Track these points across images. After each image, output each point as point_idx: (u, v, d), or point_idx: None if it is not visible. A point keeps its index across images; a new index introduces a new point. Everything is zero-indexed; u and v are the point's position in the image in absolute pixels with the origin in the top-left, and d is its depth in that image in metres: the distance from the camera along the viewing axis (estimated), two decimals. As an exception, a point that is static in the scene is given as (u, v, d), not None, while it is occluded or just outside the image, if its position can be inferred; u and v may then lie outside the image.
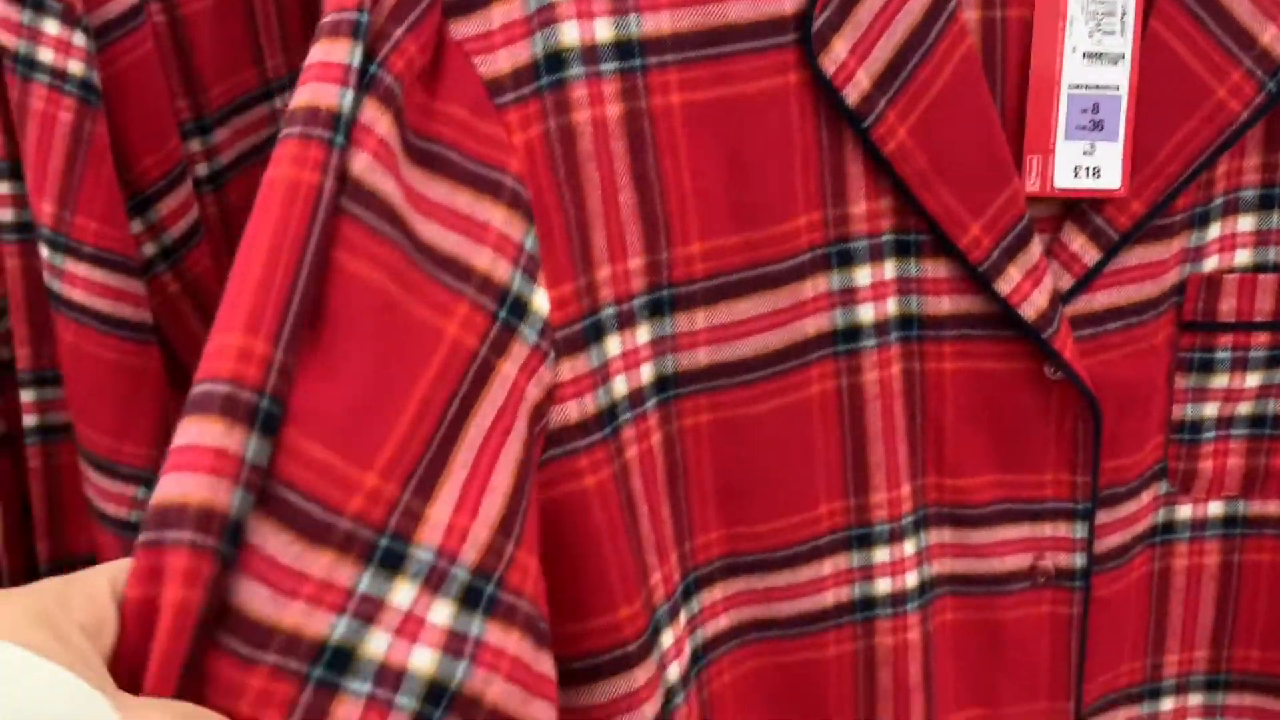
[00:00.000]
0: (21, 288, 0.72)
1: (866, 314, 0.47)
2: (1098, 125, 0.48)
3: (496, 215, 0.40)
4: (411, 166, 0.39)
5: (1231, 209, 0.50)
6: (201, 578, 0.31)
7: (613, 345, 0.44)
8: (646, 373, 0.45)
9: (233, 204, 0.80)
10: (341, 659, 0.34)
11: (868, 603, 0.51)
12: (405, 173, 0.38)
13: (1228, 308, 0.51)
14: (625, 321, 0.44)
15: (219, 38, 0.76)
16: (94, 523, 0.72)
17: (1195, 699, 0.58)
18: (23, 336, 0.73)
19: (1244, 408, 0.53)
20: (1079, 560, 0.53)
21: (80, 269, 0.68)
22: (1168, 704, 0.58)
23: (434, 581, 0.36)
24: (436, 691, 0.35)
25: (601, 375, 0.43)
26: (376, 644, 0.34)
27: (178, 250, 0.75)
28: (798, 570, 0.49)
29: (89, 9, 0.69)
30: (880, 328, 0.48)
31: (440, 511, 0.36)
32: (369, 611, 0.34)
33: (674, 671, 0.47)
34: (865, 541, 0.50)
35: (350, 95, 0.36)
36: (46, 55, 0.67)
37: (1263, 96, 0.47)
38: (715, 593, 0.49)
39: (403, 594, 0.35)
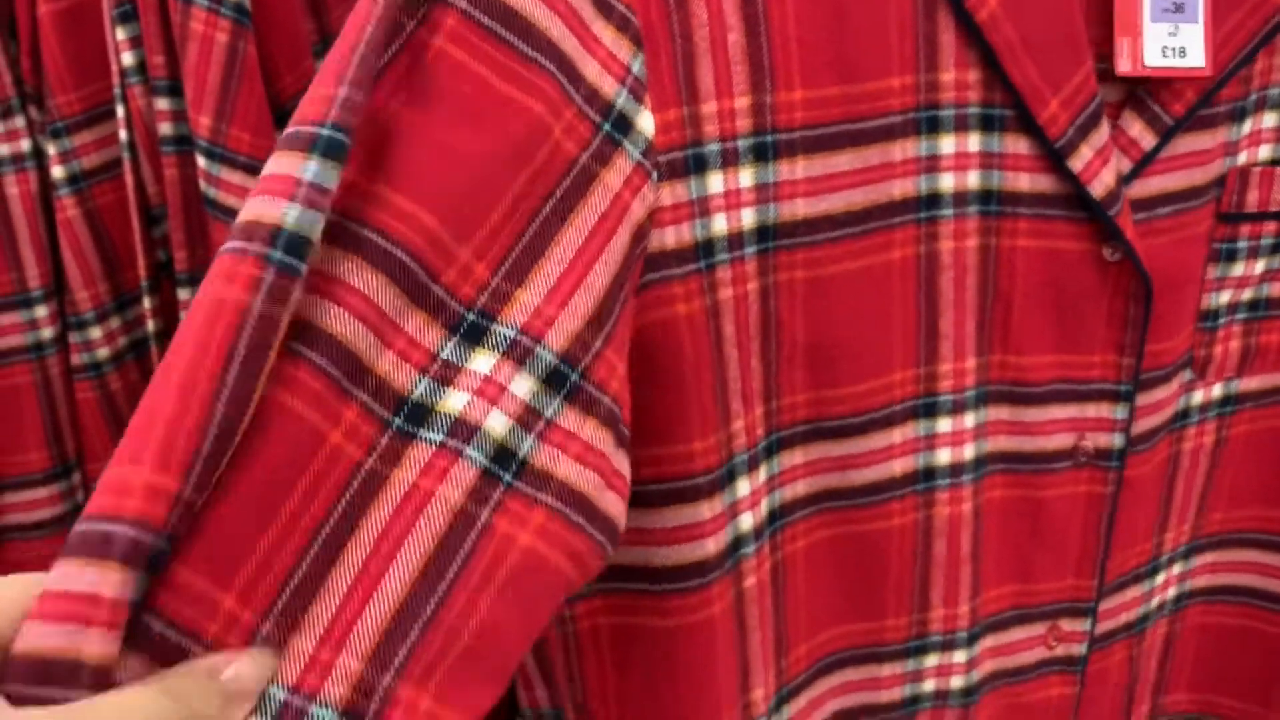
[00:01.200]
0: (179, 196, 0.78)
1: (948, 183, 0.48)
2: (1179, 8, 0.50)
3: (607, 34, 0.40)
4: None
5: (1260, 105, 0.54)
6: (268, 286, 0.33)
7: (715, 182, 0.43)
8: (748, 218, 0.45)
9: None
10: (420, 413, 0.36)
11: (929, 473, 0.51)
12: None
13: (1252, 199, 0.54)
14: (729, 160, 0.43)
15: None
16: None
17: (1175, 569, 0.63)
18: (180, 240, 0.78)
19: (1247, 293, 0.57)
20: (1117, 441, 0.55)
21: (235, 177, 0.74)
22: (1161, 577, 0.62)
23: (516, 355, 0.37)
24: (505, 455, 0.37)
25: (701, 207, 0.43)
26: (454, 401, 0.36)
27: None
28: (872, 437, 0.50)
29: None
30: (960, 198, 0.48)
31: (529, 297, 0.38)
32: (449, 375, 0.36)
33: (746, 521, 0.48)
34: (931, 411, 0.51)
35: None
36: None
37: None
38: (796, 456, 0.49)
39: (482, 362, 0.37)
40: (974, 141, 0.48)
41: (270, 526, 0.33)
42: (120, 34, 0.77)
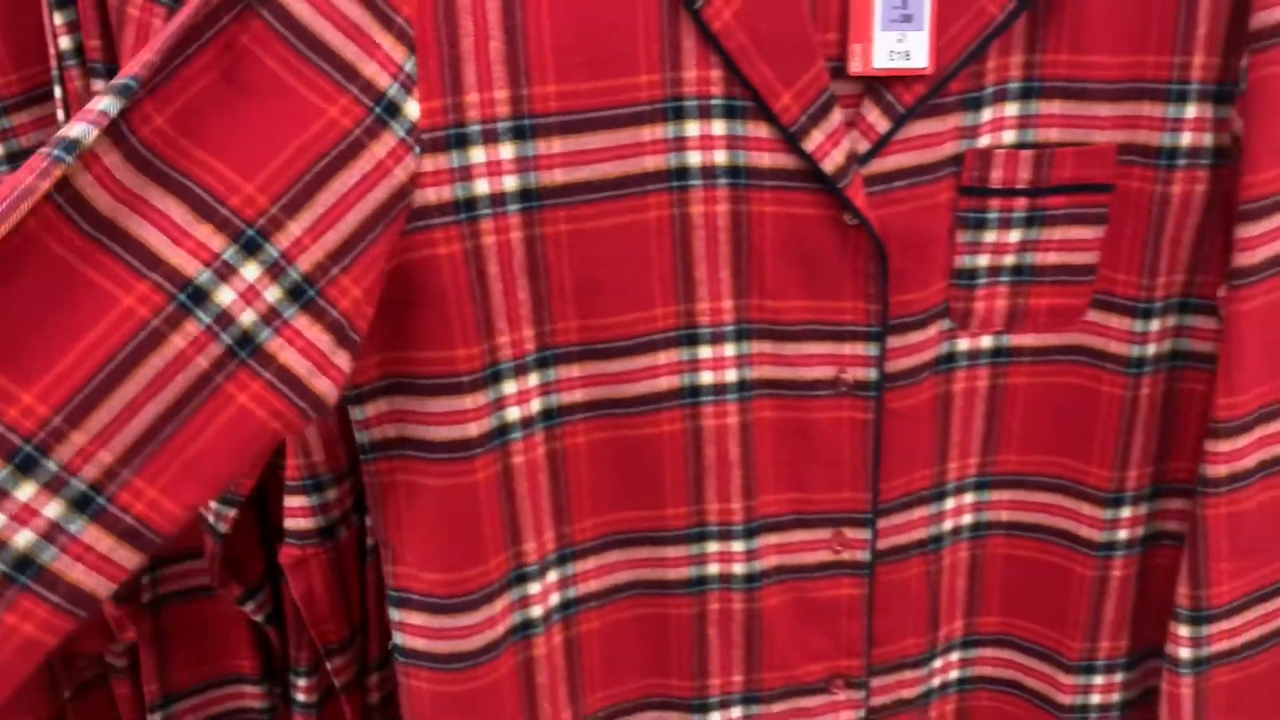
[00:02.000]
0: None
1: (695, 159, 0.61)
2: (908, 19, 0.61)
3: (386, 41, 0.56)
4: None
5: (1000, 97, 0.64)
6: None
7: (477, 154, 0.59)
8: (510, 183, 0.60)
9: None
10: (199, 296, 0.54)
11: (694, 390, 0.65)
12: None
13: (997, 177, 0.65)
14: (490, 138, 0.59)
15: None
16: None
17: (968, 498, 0.72)
18: None
19: (1008, 259, 0.67)
20: (873, 374, 0.66)
21: None
22: (950, 503, 0.72)
23: (273, 271, 0.55)
24: (246, 340, 0.55)
25: (463, 174, 0.59)
26: (224, 296, 0.54)
27: None
28: (638, 359, 0.64)
29: None
30: (708, 172, 0.61)
31: (295, 227, 0.55)
32: (225, 274, 0.54)
33: (513, 414, 0.64)
34: (692, 340, 0.64)
35: None
36: None
37: (1014, 4, 0.60)
38: (574, 370, 0.64)
39: (251, 271, 0.54)
40: (719, 127, 0.61)
41: (68, 355, 0.52)
42: (58, 19, 0.79)
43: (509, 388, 0.64)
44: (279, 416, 0.56)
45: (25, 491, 0.52)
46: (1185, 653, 0.69)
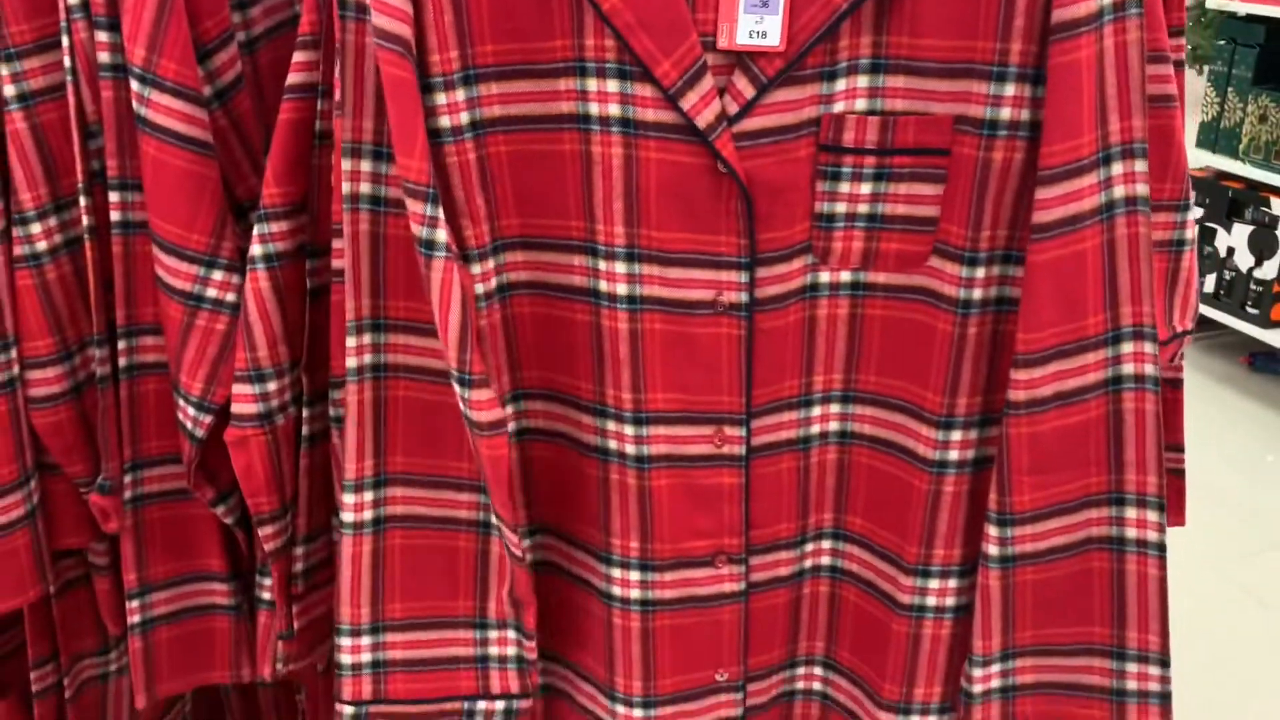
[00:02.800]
0: (114, 114, 0.94)
1: (595, 109, 0.76)
2: (765, 3, 0.75)
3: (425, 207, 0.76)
4: None
5: (853, 71, 0.77)
6: None
7: (441, 98, 0.76)
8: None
9: (262, 66, 1.03)
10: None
11: (596, 294, 0.81)
12: None
13: (849, 137, 0.78)
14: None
15: None
16: (162, 295, 0.96)
17: (834, 408, 0.86)
18: (112, 150, 0.95)
19: (862, 208, 0.80)
20: (744, 298, 0.81)
21: (163, 99, 0.91)
22: (816, 410, 0.86)
23: None
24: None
25: (432, 112, 0.76)
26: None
27: (227, 93, 0.98)
28: (560, 255, 0.81)
29: None
30: (604, 121, 0.76)
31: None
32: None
33: (481, 288, 0.83)
34: (594, 253, 0.80)
35: None
36: None
37: None
38: (518, 255, 0.82)
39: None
40: (613, 85, 0.76)
41: None
42: None
43: (476, 269, 0.80)
44: None
45: None
46: (994, 550, 0.81)
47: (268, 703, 1.39)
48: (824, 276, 0.83)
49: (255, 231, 0.87)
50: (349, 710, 0.90)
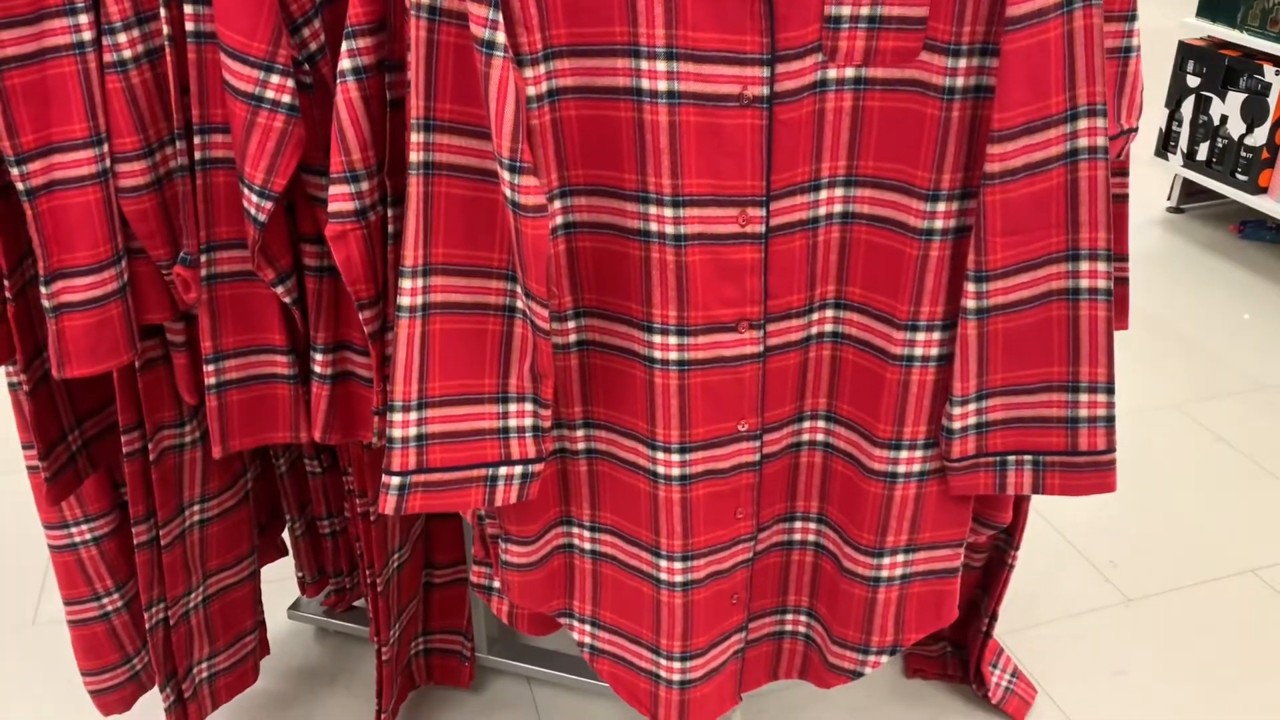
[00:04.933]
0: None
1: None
2: None
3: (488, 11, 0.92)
4: None
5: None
6: None
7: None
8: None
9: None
10: None
11: (638, 91, 0.98)
12: None
13: (854, -52, 0.94)
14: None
15: None
16: (229, 96, 1.13)
17: (839, 191, 1.04)
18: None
19: (864, 10, 0.97)
20: (765, 91, 0.98)
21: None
22: (824, 194, 1.04)
23: None
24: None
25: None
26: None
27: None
28: (603, 60, 0.98)
29: None
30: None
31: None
32: None
33: (531, 90, 0.98)
34: (637, 54, 0.97)
35: None
36: None
37: None
38: (564, 63, 0.99)
39: None
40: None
41: None
42: None
43: (528, 73, 0.97)
44: None
45: None
46: (971, 303, 1.00)
47: (317, 485, 1.60)
48: (831, 73, 0.99)
49: (344, 47, 1.04)
50: (396, 480, 1.09)
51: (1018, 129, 0.95)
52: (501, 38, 0.93)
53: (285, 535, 1.79)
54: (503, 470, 1.10)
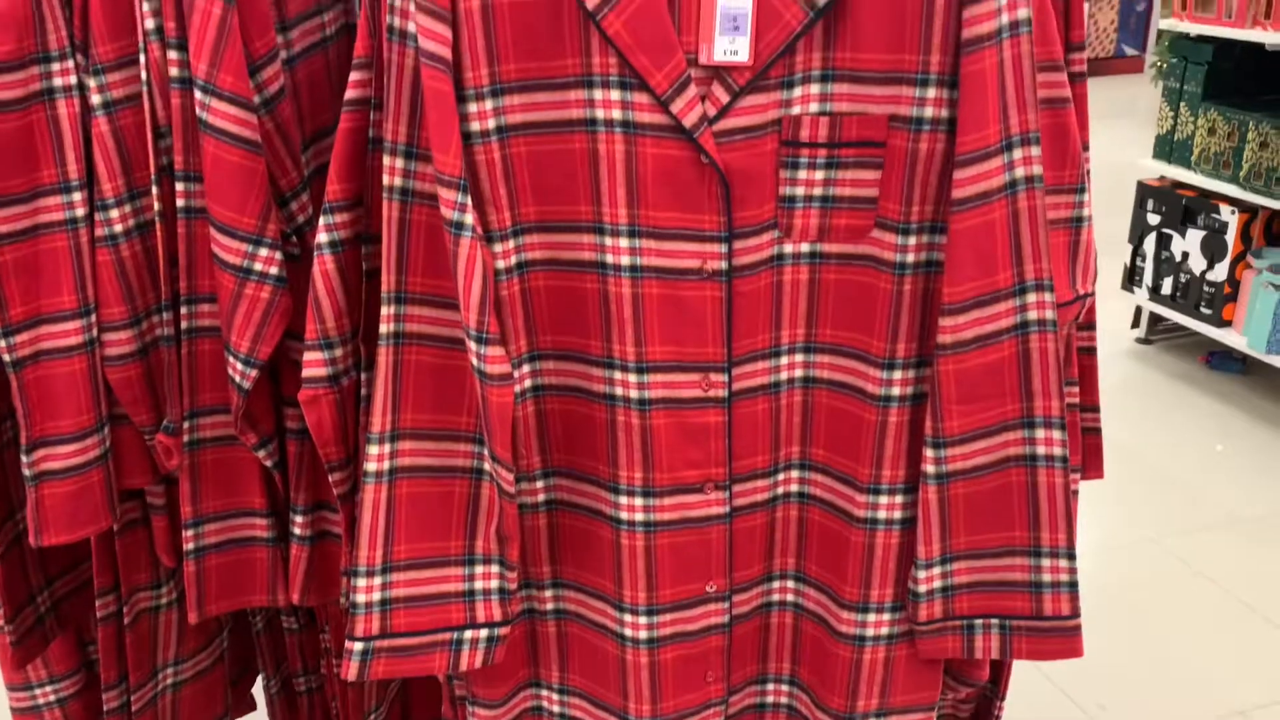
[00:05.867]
0: (181, 118, 1.16)
1: (600, 113, 0.97)
2: (737, 28, 0.96)
3: (457, 195, 0.96)
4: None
5: (807, 80, 0.98)
6: None
7: (472, 107, 0.97)
8: (491, 123, 0.98)
9: (300, 80, 1.25)
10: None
11: (602, 265, 1.01)
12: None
13: (805, 134, 0.99)
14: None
15: None
16: (217, 269, 1.17)
17: (799, 357, 1.07)
18: (178, 148, 1.17)
19: (817, 190, 1.01)
20: (724, 265, 1.01)
21: (221, 105, 1.13)
22: (784, 360, 1.07)
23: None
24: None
25: (465, 119, 0.97)
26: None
27: (272, 103, 1.19)
28: (570, 235, 1.02)
29: None
30: (608, 123, 0.97)
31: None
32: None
33: (502, 263, 1.02)
34: (601, 231, 1.01)
35: None
36: None
37: (809, 18, 0.95)
38: (535, 238, 1.03)
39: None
40: (615, 94, 0.97)
41: None
42: (145, 6, 1.11)
43: (498, 248, 1.01)
44: None
45: None
46: (931, 469, 1.02)
47: (293, 643, 1.59)
48: (788, 248, 1.03)
49: (321, 222, 1.07)
50: (359, 645, 1.09)
51: (968, 303, 0.98)
52: (469, 219, 0.96)
53: (257, 689, 1.75)
54: (468, 634, 1.10)
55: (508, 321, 1.05)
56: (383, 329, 1.04)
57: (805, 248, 1.03)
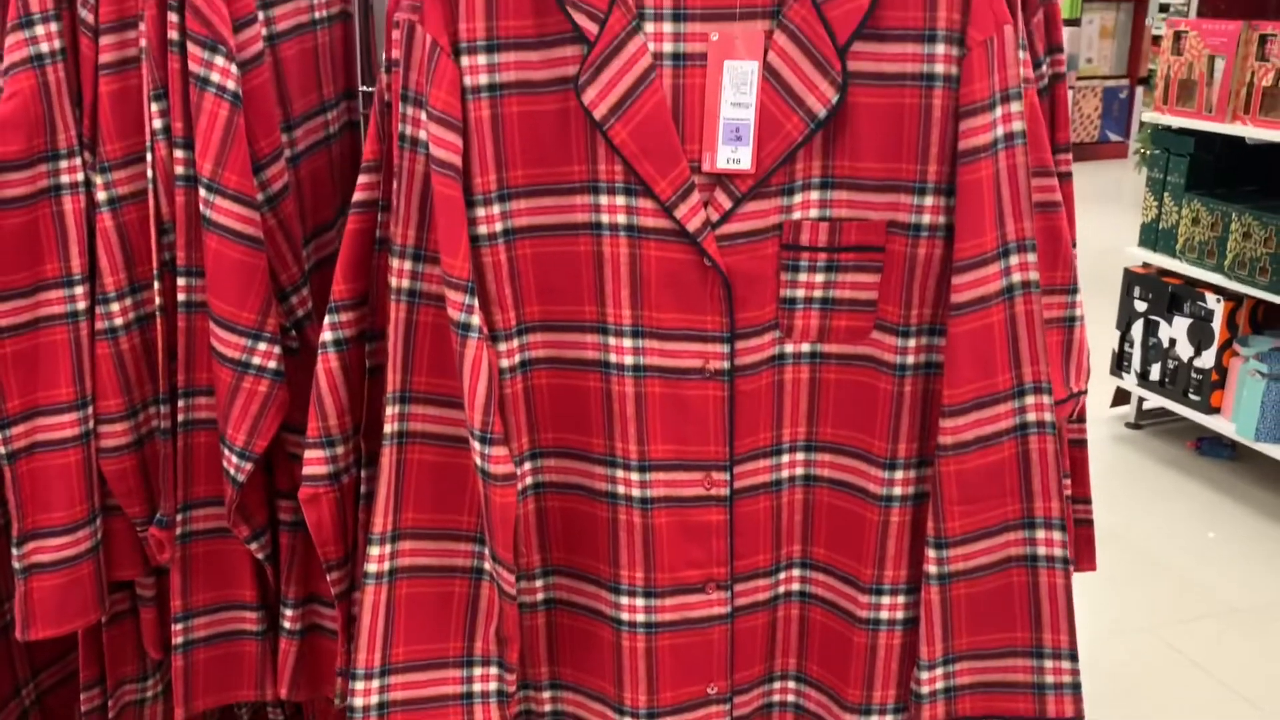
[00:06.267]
0: (184, 214, 1.19)
1: (605, 218, 0.99)
2: (739, 138, 0.99)
3: (464, 297, 0.98)
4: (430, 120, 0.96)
5: (807, 187, 1.00)
6: None
7: (480, 211, 0.99)
8: (498, 226, 1.00)
9: (303, 176, 1.28)
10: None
11: (606, 364, 1.02)
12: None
13: (805, 239, 1.01)
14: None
15: (298, 73, 1.26)
16: (215, 362, 1.17)
17: (800, 456, 1.07)
18: (181, 244, 1.20)
19: (817, 293, 1.03)
20: (726, 365, 1.03)
21: (224, 203, 1.15)
22: (785, 458, 1.07)
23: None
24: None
25: (473, 221, 0.99)
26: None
27: (276, 200, 1.22)
28: (573, 335, 1.04)
29: (237, 50, 1.18)
30: (613, 227, 0.99)
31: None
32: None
33: (505, 362, 1.03)
34: (605, 331, 1.02)
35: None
36: (215, 76, 1.15)
37: (809, 129, 0.97)
38: (537, 336, 1.04)
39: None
40: (620, 200, 0.99)
41: None
42: (154, 107, 1.15)
43: (502, 346, 1.03)
44: None
45: None
46: (933, 569, 1.02)
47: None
48: (789, 348, 1.04)
49: (326, 320, 1.08)
50: None
51: (968, 405, 0.99)
52: (476, 320, 0.98)
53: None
54: None
55: (510, 419, 1.05)
56: (387, 429, 1.04)
57: (806, 348, 1.05)
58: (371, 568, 1.06)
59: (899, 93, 0.97)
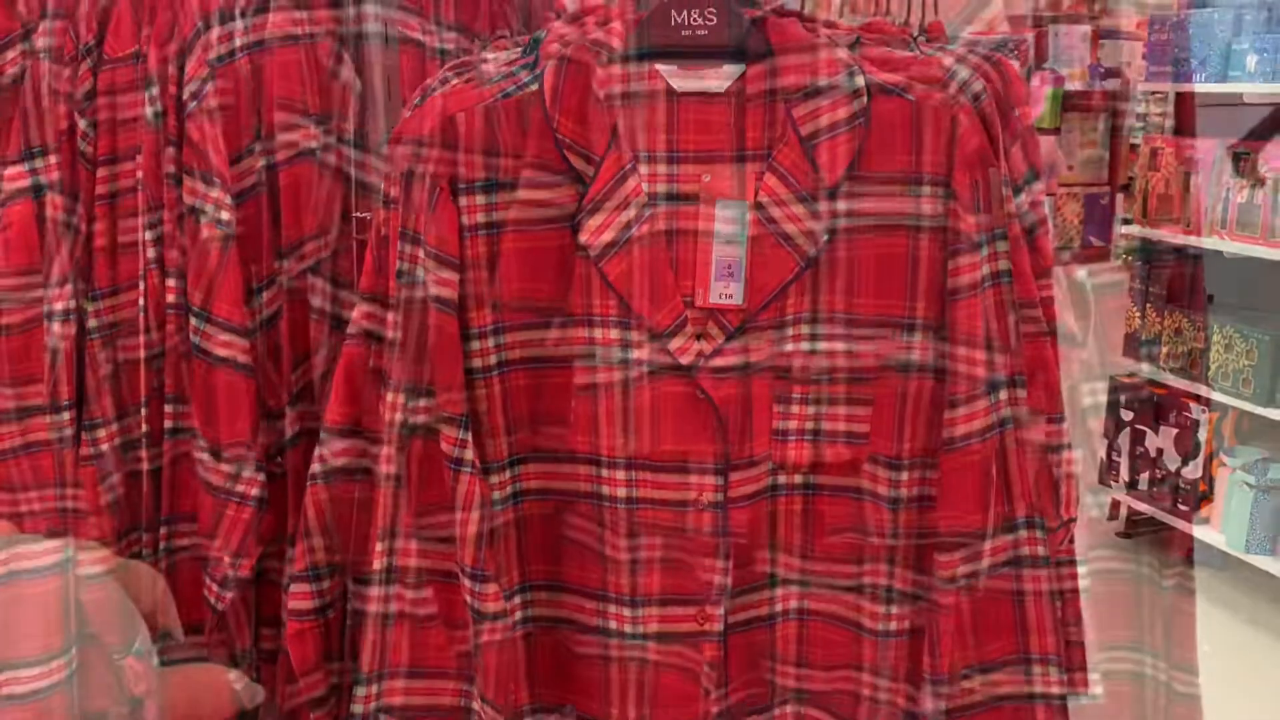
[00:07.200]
0: (176, 342, 1.22)
1: (599, 351, 1.01)
2: (732, 274, 1.01)
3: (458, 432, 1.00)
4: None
5: (798, 321, 1.03)
6: None
7: (476, 345, 1.01)
8: (493, 359, 1.02)
9: (294, 301, 1.29)
10: None
11: (597, 496, 1.03)
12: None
13: (796, 372, 1.03)
14: (482, 335, 1.01)
15: (295, 207, 1.27)
16: (201, 489, 1.19)
17: (794, 589, 1.08)
18: (170, 370, 1.22)
19: (809, 425, 1.04)
20: (720, 497, 1.03)
21: (214, 332, 1.19)
22: (780, 591, 1.07)
23: None
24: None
25: (466, 356, 1.00)
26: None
27: (268, 324, 1.25)
28: (564, 466, 1.04)
29: (232, 181, 1.23)
30: (607, 360, 1.01)
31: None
32: None
33: (497, 494, 1.03)
34: (597, 463, 1.02)
35: None
36: (210, 209, 1.20)
37: (799, 268, 1.00)
38: (530, 468, 1.05)
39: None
40: (615, 333, 1.01)
41: None
42: (148, 236, 1.19)
43: (494, 480, 1.03)
44: None
45: None
46: (930, 705, 1.01)
47: None
48: (782, 479, 1.05)
49: (317, 451, 1.09)
50: None
51: (960, 539, 1.00)
52: (469, 454, 0.99)
53: None
54: None
55: (501, 551, 1.05)
56: (377, 565, 1.04)
57: (799, 479, 1.06)
58: (358, 709, 1.05)
59: (888, 233, 1.00)
